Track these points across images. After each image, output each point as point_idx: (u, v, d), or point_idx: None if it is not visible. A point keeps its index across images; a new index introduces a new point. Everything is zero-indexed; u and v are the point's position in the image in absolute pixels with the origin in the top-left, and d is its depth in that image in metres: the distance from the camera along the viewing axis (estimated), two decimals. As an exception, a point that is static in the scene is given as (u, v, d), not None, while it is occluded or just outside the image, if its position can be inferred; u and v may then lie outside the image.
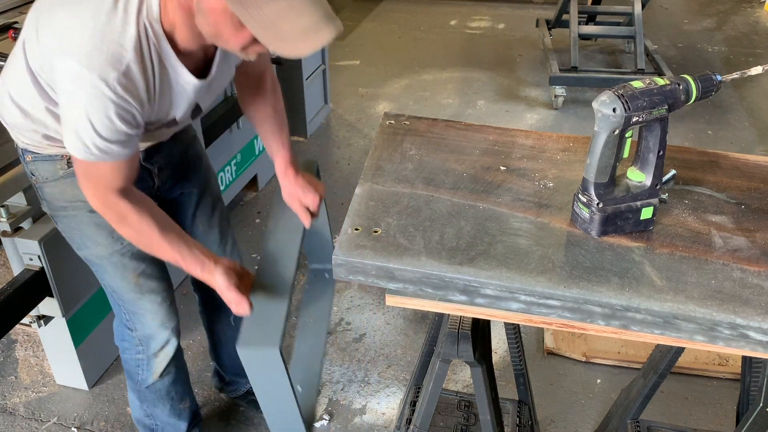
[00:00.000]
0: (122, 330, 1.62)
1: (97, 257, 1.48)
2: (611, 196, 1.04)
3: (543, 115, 4.15)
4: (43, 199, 1.44)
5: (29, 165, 1.40)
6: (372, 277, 1.01)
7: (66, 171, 1.37)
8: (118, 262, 1.47)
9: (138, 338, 1.59)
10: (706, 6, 6.36)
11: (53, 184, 1.39)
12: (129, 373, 1.69)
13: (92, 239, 1.44)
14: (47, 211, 1.47)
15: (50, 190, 1.41)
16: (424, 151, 1.28)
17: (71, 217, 1.43)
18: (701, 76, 1.05)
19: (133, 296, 1.52)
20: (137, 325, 1.57)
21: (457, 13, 6.10)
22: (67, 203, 1.41)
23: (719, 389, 2.16)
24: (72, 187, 1.35)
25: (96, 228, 1.42)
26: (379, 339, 2.37)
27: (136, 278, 1.50)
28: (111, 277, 1.50)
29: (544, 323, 0.99)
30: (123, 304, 1.55)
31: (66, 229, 1.47)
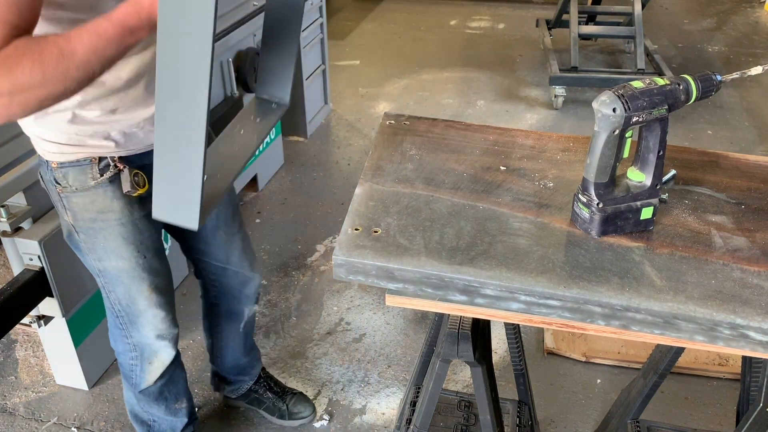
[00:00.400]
0: (117, 335, 1.59)
1: (117, 270, 1.43)
2: (611, 196, 1.04)
3: (543, 115, 4.15)
4: (68, 209, 1.36)
5: (55, 172, 1.31)
6: (372, 277, 1.01)
7: (98, 180, 1.31)
8: (138, 275, 1.44)
9: (133, 344, 1.57)
10: (706, 6, 6.36)
11: (83, 194, 1.33)
12: (125, 376, 1.68)
13: (116, 252, 1.40)
14: (70, 222, 1.38)
15: (79, 200, 1.34)
16: (424, 151, 1.28)
17: (98, 230, 1.37)
18: (701, 76, 1.05)
19: (141, 308, 1.49)
20: (134, 333, 1.55)
21: (457, 13, 6.10)
22: (96, 215, 1.35)
23: (719, 389, 2.16)
24: (104, 198, 1.32)
25: (123, 242, 1.38)
26: (379, 339, 2.38)
27: (150, 292, 1.47)
28: (124, 290, 1.46)
29: (544, 323, 0.99)
30: (125, 314, 1.52)
31: (88, 240, 1.40)
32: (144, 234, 1.42)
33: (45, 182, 1.37)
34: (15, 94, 0.92)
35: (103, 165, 1.31)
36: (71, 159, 1.29)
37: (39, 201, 1.84)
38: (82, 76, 0.96)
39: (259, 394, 2.04)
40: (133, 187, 1.33)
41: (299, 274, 2.71)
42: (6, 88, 0.92)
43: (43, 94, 0.94)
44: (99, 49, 0.95)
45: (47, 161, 1.31)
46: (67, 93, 0.96)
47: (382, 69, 4.79)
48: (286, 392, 2.06)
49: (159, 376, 1.63)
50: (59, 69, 0.93)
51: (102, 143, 1.29)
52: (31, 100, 0.94)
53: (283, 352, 2.31)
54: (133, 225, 1.38)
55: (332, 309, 2.52)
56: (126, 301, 1.48)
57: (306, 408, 2.05)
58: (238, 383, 2.02)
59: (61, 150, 1.28)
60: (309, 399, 2.09)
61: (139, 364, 1.60)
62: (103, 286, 1.48)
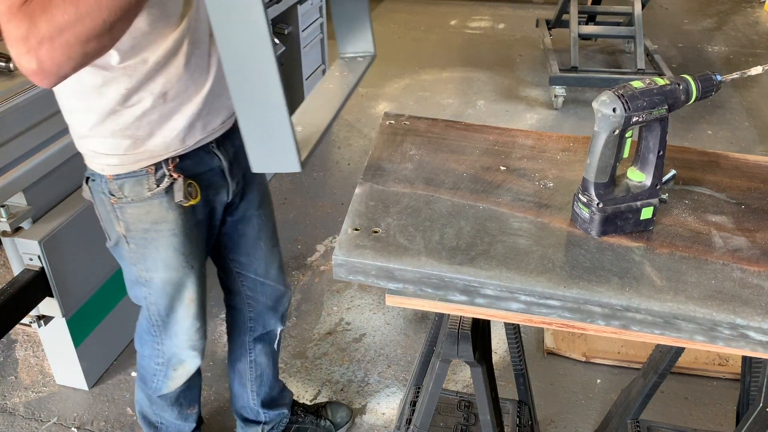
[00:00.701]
0: (147, 340, 1.56)
1: (164, 281, 1.41)
2: (611, 196, 1.04)
3: (543, 115, 4.15)
4: (121, 220, 1.34)
5: (110, 184, 1.30)
6: (372, 277, 1.01)
7: (153, 191, 1.30)
8: (183, 286, 1.43)
9: (162, 351, 1.54)
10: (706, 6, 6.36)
11: (138, 205, 1.31)
12: (144, 378, 1.63)
13: (166, 263, 1.38)
14: (121, 233, 1.36)
15: (133, 211, 1.32)
16: (424, 151, 1.28)
17: (150, 240, 1.35)
18: (701, 76, 1.05)
19: (178, 319, 1.47)
20: (165, 341, 1.52)
21: (457, 13, 6.10)
22: (150, 225, 1.34)
23: (719, 389, 2.16)
24: (159, 208, 1.31)
25: (174, 252, 1.37)
26: (379, 339, 2.38)
27: (190, 302, 1.46)
28: (167, 300, 1.44)
29: (544, 323, 0.99)
30: (161, 323, 1.49)
31: (138, 251, 1.38)
32: (194, 244, 1.41)
33: (94, 193, 1.35)
34: (54, 37, 0.91)
35: (159, 175, 1.30)
36: (128, 170, 1.28)
37: (39, 201, 1.84)
38: (116, 4, 0.93)
39: (299, 423, 1.96)
40: (186, 197, 1.31)
41: (299, 274, 2.71)
42: (45, 31, 0.90)
43: (82, 31, 0.92)
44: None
45: (101, 174, 1.30)
46: (106, 28, 0.94)
47: (382, 69, 4.79)
48: (318, 406, 2.02)
49: (182, 382, 1.61)
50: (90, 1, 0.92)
51: (161, 142, 1.27)
52: (72, 42, 0.92)
53: (283, 352, 2.31)
54: (184, 235, 1.37)
55: (332, 309, 2.52)
56: (166, 311, 1.46)
57: (345, 411, 2.03)
58: (275, 419, 1.89)
59: (121, 161, 1.27)
60: (340, 402, 2.08)
61: (164, 370, 1.57)
62: (146, 296, 1.45)
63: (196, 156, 1.33)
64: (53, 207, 1.90)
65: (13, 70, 1.72)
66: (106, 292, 2.13)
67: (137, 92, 1.20)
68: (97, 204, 1.37)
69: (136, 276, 1.43)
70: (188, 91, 1.26)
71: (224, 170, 1.41)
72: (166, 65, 1.21)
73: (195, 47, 1.23)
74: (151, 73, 1.20)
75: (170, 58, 1.21)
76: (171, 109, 1.25)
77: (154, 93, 1.22)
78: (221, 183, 1.42)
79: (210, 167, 1.38)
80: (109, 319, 2.18)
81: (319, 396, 2.15)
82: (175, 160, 1.30)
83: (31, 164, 1.74)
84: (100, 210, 1.37)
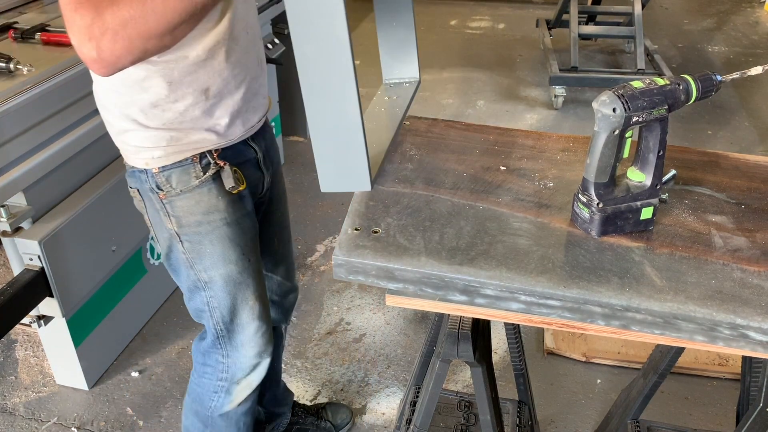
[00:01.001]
0: (211, 354, 1.48)
1: (225, 278, 1.37)
2: (611, 196, 1.04)
3: (543, 115, 4.15)
4: (172, 215, 1.31)
5: (156, 177, 1.28)
6: (372, 277, 1.01)
7: (201, 179, 1.28)
8: (244, 282, 1.39)
9: (226, 364, 1.47)
10: (706, 6, 6.36)
11: (188, 195, 1.29)
12: (200, 398, 1.54)
13: (225, 257, 1.35)
14: (174, 230, 1.33)
15: (183, 203, 1.30)
16: (424, 151, 1.28)
17: (204, 234, 1.32)
18: (701, 76, 1.05)
19: (243, 322, 1.42)
20: (232, 352, 1.45)
21: (457, 13, 6.10)
22: (203, 216, 1.31)
23: (719, 389, 2.16)
24: (209, 196, 1.30)
25: (230, 244, 1.34)
26: (379, 339, 2.37)
27: (254, 301, 1.41)
28: (230, 301, 1.39)
29: (544, 323, 0.99)
30: (227, 331, 1.43)
31: (193, 249, 1.34)
32: (247, 235, 1.38)
33: (142, 194, 1.33)
34: (118, 30, 0.94)
35: (204, 163, 1.29)
36: (173, 161, 1.27)
37: (39, 201, 1.84)
38: (182, 7, 0.96)
39: (300, 424, 1.95)
40: (236, 183, 1.31)
41: (299, 274, 2.71)
42: (110, 23, 0.94)
43: (145, 28, 0.95)
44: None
45: (146, 170, 1.28)
46: (169, 28, 0.97)
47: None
48: (318, 407, 2.02)
49: (244, 399, 1.52)
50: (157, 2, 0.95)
51: (203, 136, 1.27)
52: (134, 37, 0.96)
53: (283, 352, 2.31)
54: (237, 225, 1.35)
55: (332, 309, 2.52)
56: (230, 316, 1.41)
57: (346, 413, 2.03)
58: (276, 419, 1.89)
59: (165, 153, 1.26)
60: (340, 403, 2.08)
61: (226, 386, 1.50)
62: (208, 301, 1.39)
63: (235, 147, 1.34)
64: (53, 207, 1.90)
65: (13, 70, 1.72)
66: (106, 292, 2.13)
67: (179, 87, 1.20)
68: (147, 207, 1.34)
69: (194, 281, 1.38)
70: (228, 86, 1.27)
71: (260, 161, 1.41)
72: (207, 61, 1.21)
73: (234, 43, 1.24)
74: (193, 68, 1.20)
75: (211, 55, 1.21)
76: (212, 105, 1.26)
77: (196, 88, 1.22)
78: (257, 174, 1.43)
79: (247, 158, 1.38)
80: (109, 319, 2.18)
81: (319, 396, 2.15)
82: (218, 150, 1.30)
83: (31, 164, 1.74)
84: (150, 214, 1.35)
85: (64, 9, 0.95)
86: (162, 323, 2.43)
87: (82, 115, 1.90)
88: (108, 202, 2.02)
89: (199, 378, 1.53)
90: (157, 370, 2.24)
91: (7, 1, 2.22)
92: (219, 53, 1.22)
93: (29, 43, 1.94)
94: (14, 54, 1.75)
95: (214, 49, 1.21)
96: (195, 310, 1.44)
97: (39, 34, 1.94)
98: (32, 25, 1.98)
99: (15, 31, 1.95)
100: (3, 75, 1.72)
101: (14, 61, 1.71)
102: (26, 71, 1.72)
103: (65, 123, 1.85)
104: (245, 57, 1.28)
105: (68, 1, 0.94)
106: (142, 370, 2.24)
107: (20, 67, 1.72)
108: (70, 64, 1.84)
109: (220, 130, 1.28)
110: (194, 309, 1.44)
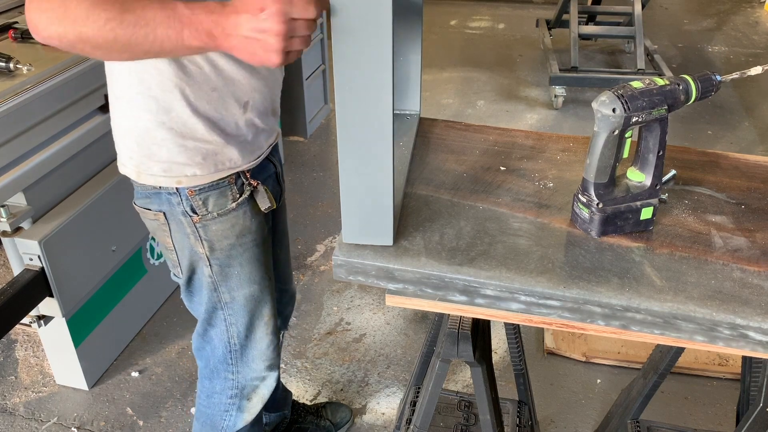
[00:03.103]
0: (220, 370, 1.43)
1: (247, 298, 1.32)
2: (611, 197, 1.04)
3: (543, 115, 4.15)
4: (205, 239, 1.23)
5: (192, 200, 1.19)
6: (372, 277, 1.01)
7: (238, 201, 1.22)
8: (263, 300, 1.35)
9: (237, 381, 1.43)
10: (706, 6, 6.36)
11: (224, 219, 1.22)
12: (212, 420, 1.48)
13: (250, 278, 1.30)
14: (205, 255, 1.26)
15: (219, 227, 1.22)
16: (424, 151, 1.28)
17: (234, 257, 1.27)
18: (701, 76, 1.05)
19: (257, 338, 1.38)
20: (242, 368, 1.41)
21: (457, 13, 6.10)
22: (236, 239, 1.25)
23: (719, 389, 2.16)
24: (243, 219, 1.24)
25: (257, 264, 1.30)
26: (379, 339, 2.37)
27: (269, 317, 1.37)
28: (248, 319, 1.34)
29: (544, 323, 0.99)
30: (239, 347, 1.38)
31: (222, 272, 1.28)
32: (269, 253, 1.36)
33: (168, 218, 1.23)
34: (60, 18, 0.90)
35: (239, 184, 1.23)
36: (210, 180, 1.19)
37: (39, 201, 1.84)
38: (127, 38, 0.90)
39: (300, 423, 1.95)
40: (271, 202, 1.28)
41: (299, 274, 2.71)
42: (56, 5, 0.90)
43: (81, 31, 0.90)
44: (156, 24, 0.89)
45: (179, 190, 1.18)
46: (106, 48, 0.92)
47: (382, 69, 4.78)
48: (318, 406, 2.02)
49: (256, 414, 1.49)
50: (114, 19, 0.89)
51: (236, 153, 1.20)
52: (68, 35, 0.91)
53: (283, 352, 2.31)
54: (264, 244, 1.32)
55: (332, 309, 2.52)
56: (246, 332, 1.37)
57: (345, 411, 2.03)
58: (275, 420, 1.88)
59: (202, 171, 1.18)
60: (340, 402, 2.07)
61: (237, 402, 1.46)
62: (225, 318, 1.34)
63: (261, 165, 1.29)
64: (53, 207, 1.90)
65: (12, 70, 1.72)
66: (106, 292, 2.13)
67: (215, 100, 1.14)
68: (172, 230, 1.25)
69: (215, 302, 1.32)
70: (262, 100, 1.22)
71: (279, 175, 1.38)
72: (237, 76, 1.15)
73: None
74: (222, 81, 1.13)
75: (238, 69, 1.14)
76: (247, 120, 1.20)
77: (237, 99, 1.16)
78: (278, 189, 1.40)
79: (269, 174, 1.34)
80: (109, 319, 2.18)
81: (319, 396, 2.15)
82: (249, 170, 1.25)
83: (31, 164, 1.74)
84: (174, 238, 1.26)
85: None
86: (162, 323, 2.43)
87: (82, 115, 1.91)
88: (108, 202, 2.02)
89: (208, 399, 1.47)
90: (157, 370, 2.24)
91: (7, 1, 2.22)
92: (246, 68, 1.15)
93: (29, 43, 1.94)
94: (14, 54, 1.75)
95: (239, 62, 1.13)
96: (209, 328, 1.38)
97: (39, 34, 1.94)
98: (32, 25, 1.97)
99: (15, 31, 1.95)
100: (3, 75, 1.72)
101: (14, 61, 1.71)
102: (26, 71, 1.72)
103: (65, 123, 1.85)
104: (267, 74, 1.21)
105: None
106: (142, 370, 2.24)
107: (20, 67, 1.72)
108: (70, 63, 1.84)
109: (249, 147, 1.23)
110: (207, 327, 1.38)
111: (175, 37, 0.90)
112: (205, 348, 1.42)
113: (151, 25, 0.89)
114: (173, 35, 0.90)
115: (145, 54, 0.94)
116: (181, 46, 0.91)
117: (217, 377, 1.44)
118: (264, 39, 0.87)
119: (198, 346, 1.43)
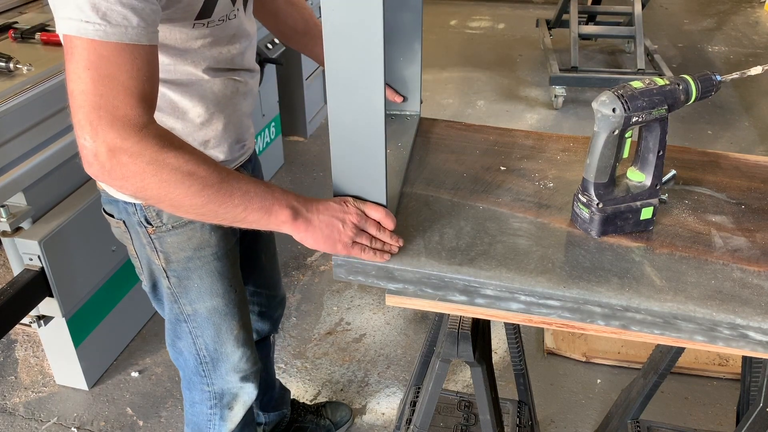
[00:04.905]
0: (195, 383, 1.43)
1: (210, 311, 1.31)
2: (611, 196, 1.04)
3: (543, 115, 4.15)
4: (160, 251, 1.23)
5: (146, 210, 1.18)
6: (372, 277, 1.01)
7: None
8: (229, 313, 1.33)
9: (213, 392, 1.43)
10: (706, 6, 6.36)
11: (180, 231, 1.20)
12: (198, 427, 1.50)
13: (211, 291, 1.29)
14: (161, 266, 1.26)
15: (174, 239, 1.21)
16: (424, 151, 1.28)
17: (193, 270, 1.26)
18: (701, 76, 1.05)
19: (227, 351, 1.37)
20: (216, 380, 1.40)
21: (457, 13, 6.10)
22: (193, 252, 1.24)
23: (719, 389, 2.16)
24: (201, 232, 1.22)
25: (218, 277, 1.28)
26: (379, 339, 2.37)
27: (238, 330, 1.36)
28: (214, 332, 1.33)
29: (544, 323, 0.99)
30: (210, 360, 1.37)
31: (180, 284, 1.28)
32: (234, 266, 1.34)
33: (128, 227, 1.23)
34: (148, 174, 0.89)
35: None
36: None
37: (39, 201, 1.84)
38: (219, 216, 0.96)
39: (300, 422, 1.95)
40: None
41: (299, 274, 2.71)
42: (145, 167, 0.89)
43: (172, 198, 0.92)
44: (228, 206, 0.94)
45: (133, 202, 1.18)
46: (191, 214, 0.96)
47: (382, 69, 4.78)
48: (318, 405, 2.02)
49: (241, 419, 1.49)
50: (189, 200, 0.92)
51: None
52: (153, 196, 0.92)
53: (283, 353, 2.31)
54: (226, 258, 1.30)
55: (332, 309, 2.52)
56: (213, 345, 1.36)
57: (345, 410, 2.03)
58: (275, 419, 1.89)
59: None
60: (340, 402, 2.07)
61: (219, 412, 1.45)
62: (190, 331, 1.34)
63: None
64: (53, 207, 1.90)
65: (12, 70, 1.72)
66: (106, 292, 2.13)
67: (177, 106, 1.14)
68: (133, 239, 1.26)
69: (177, 314, 1.33)
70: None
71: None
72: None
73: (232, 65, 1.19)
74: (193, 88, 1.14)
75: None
76: (213, 131, 1.19)
77: (192, 111, 1.15)
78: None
79: None
80: (109, 319, 2.18)
81: (319, 396, 2.15)
82: None
83: (31, 164, 1.74)
84: (135, 246, 1.27)
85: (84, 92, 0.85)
86: (162, 323, 2.42)
87: (82, 115, 1.90)
88: (108, 202, 2.02)
89: (191, 408, 1.49)
90: (157, 370, 2.24)
91: (7, 1, 2.22)
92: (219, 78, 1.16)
93: (29, 42, 1.94)
94: (14, 54, 1.75)
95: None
96: (175, 340, 1.39)
97: (39, 34, 1.94)
98: (32, 25, 1.98)
99: (15, 31, 1.95)
100: (3, 75, 1.72)
101: (14, 61, 1.71)
102: (26, 71, 1.72)
103: (65, 123, 1.85)
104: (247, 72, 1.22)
105: (114, 105, 0.85)
106: (142, 370, 2.24)
107: (20, 67, 1.72)
108: (70, 64, 1.83)
109: (219, 156, 1.22)
110: (174, 339, 1.39)
111: (266, 211, 1.00)
112: (178, 359, 1.42)
113: (246, 196, 0.96)
114: (265, 208, 1.00)
115: (221, 222, 0.98)
116: (267, 221, 1.01)
117: (194, 388, 1.44)
118: (339, 226, 1.00)
119: (172, 355, 1.43)
